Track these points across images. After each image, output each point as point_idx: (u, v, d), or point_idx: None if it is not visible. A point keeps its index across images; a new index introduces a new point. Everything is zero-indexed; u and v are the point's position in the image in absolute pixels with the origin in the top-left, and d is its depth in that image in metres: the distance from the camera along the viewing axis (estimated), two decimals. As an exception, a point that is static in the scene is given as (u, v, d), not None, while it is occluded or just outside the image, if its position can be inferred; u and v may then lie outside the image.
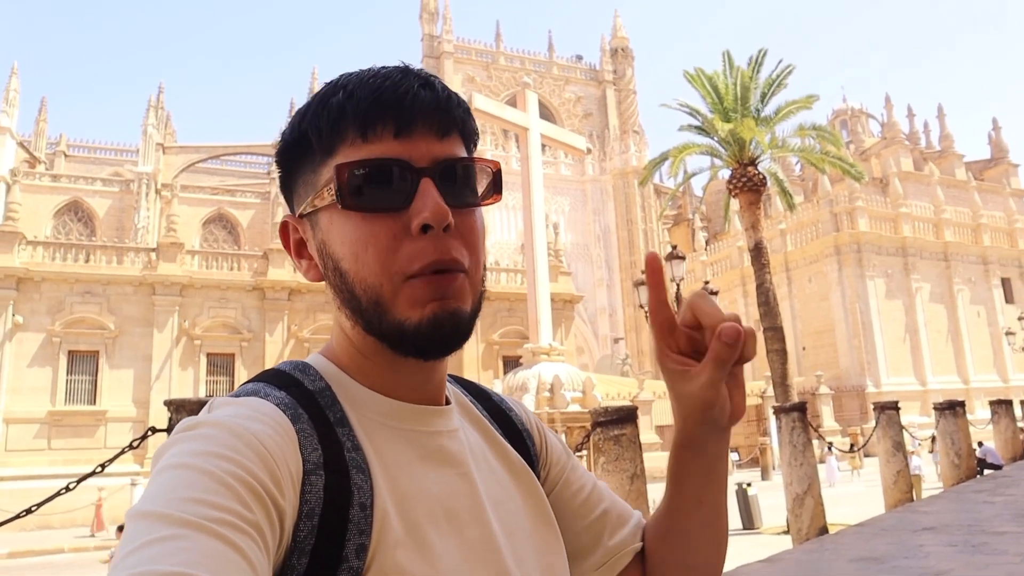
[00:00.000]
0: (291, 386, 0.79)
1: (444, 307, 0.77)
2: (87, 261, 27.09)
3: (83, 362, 26.12)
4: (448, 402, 0.89)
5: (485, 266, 0.85)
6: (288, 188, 0.85)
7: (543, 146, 11.53)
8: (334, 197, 0.77)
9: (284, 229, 0.86)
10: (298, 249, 0.84)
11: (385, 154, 0.77)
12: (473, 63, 60.11)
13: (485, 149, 56.88)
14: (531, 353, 10.52)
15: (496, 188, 0.84)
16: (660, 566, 0.97)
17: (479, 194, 0.83)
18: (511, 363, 25.93)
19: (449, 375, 0.95)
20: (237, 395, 0.77)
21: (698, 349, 0.82)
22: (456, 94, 0.84)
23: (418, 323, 0.76)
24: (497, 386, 11.15)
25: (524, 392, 10.21)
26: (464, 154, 0.83)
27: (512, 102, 10.92)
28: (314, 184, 0.80)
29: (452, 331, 0.78)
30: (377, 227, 0.76)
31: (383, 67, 0.82)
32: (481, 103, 9.63)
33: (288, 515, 0.67)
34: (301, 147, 0.81)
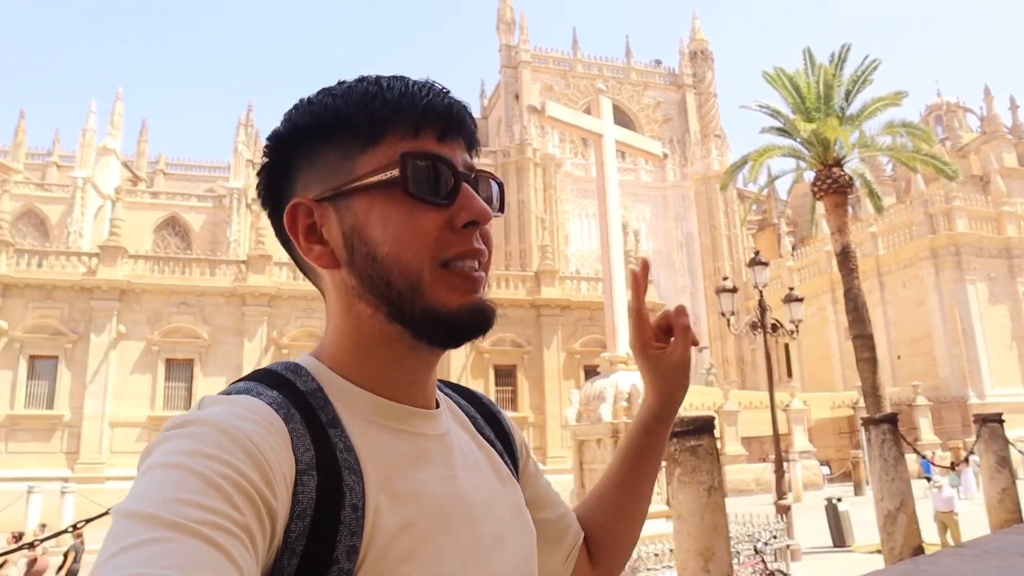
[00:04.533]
0: (283, 386, 0.78)
1: (483, 300, 0.84)
2: (183, 274, 28.43)
3: (179, 370, 27.40)
4: (438, 405, 0.90)
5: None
6: (295, 167, 0.84)
7: (622, 153, 11.41)
8: (394, 180, 0.79)
9: (293, 212, 0.83)
10: (307, 234, 0.83)
11: (442, 154, 0.83)
12: (550, 71, 60.30)
13: (565, 158, 56.86)
14: (608, 362, 10.38)
15: (500, 205, 0.91)
16: (605, 540, 1.11)
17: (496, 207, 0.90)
18: (592, 372, 25.75)
19: (441, 381, 0.98)
20: (229, 393, 0.77)
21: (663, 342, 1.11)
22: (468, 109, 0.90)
23: (458, 309, 0.81)
24: (575, 396, 11.09)
25: (601, 401, 10.09)
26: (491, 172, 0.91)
27: (589, 109, 10.85)
28: (347, 169, 0.81)
29: (486, 321, 0.84)
30: (426, 217, 0.80)
31: (416, 80, 0.87)
32: (554, 110, 9.60)
33: (280, 516, 0.67)
34: (336, 130, 0.82)
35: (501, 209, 0.90)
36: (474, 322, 0.82)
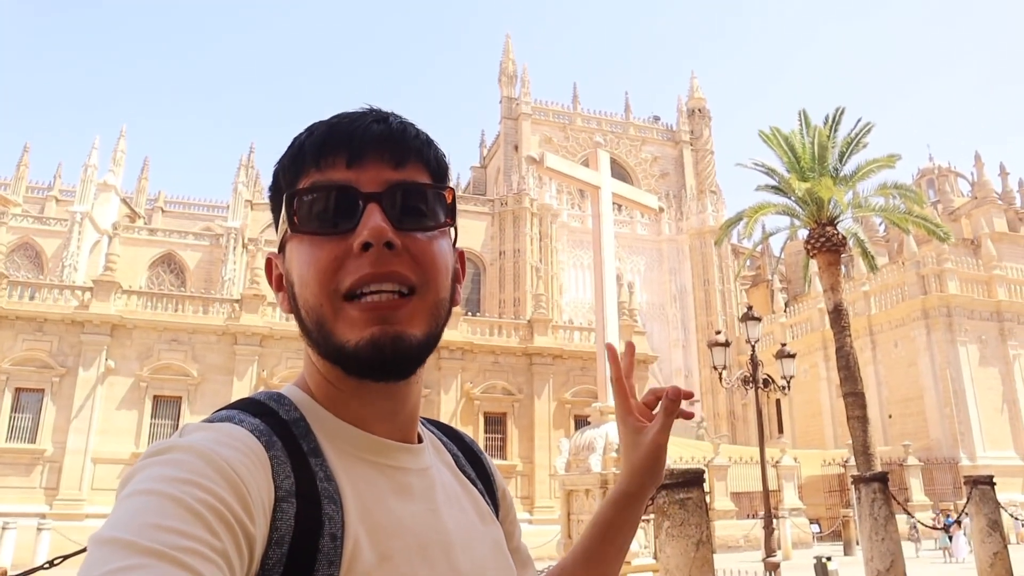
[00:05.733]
0: (266, 414, 0.79)
1: (385, 331, 0.78)
2: (176, 310, 28.34)
3: (167, 407, 27.11)
4: (420, 440, 0.91)
5: (453, 294, 0.86)
6: (276, 228, 0.89)
7: (618, 206, 11.55)
8: (287, 225, 0.81)
9: (269, 266, 0.90)
10: (278, 284, 0.87)
11: (334, 181, 0.81)
12: (550, 124, 61.26)
13: (562, 208, 57.38)
14: (599, 412, 10.34)
15: (451, 214, 0.86)
16: None
17: (439, 219, 0.84)
18: (582, 422, 25.59)
19: (425, 419, 0.98)
20: (211, 421, 0.77)
21: (648, 418, 1.04)
22: (414, 127, 0.87)
23: (356, 345, 0.77)
24: (565, 445, 11.01)
25: (591, 452, 10.03)
26: (426, 182, 0.85)
27: (587, 162, 11.01)
28: (284, 220, 0.84)
29: (393, 354, 0.78)
30: (322, 250, 0.79)
31: (348, 111, 0.87)
32: (552, 162, 9.75)
33: (258, 542, 0.67)
34: (276, 189, 0.86)
35: (450, 218, 0.86)
36: (374, 358, 0.77)
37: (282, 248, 0.86)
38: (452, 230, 0.87)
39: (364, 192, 0.80)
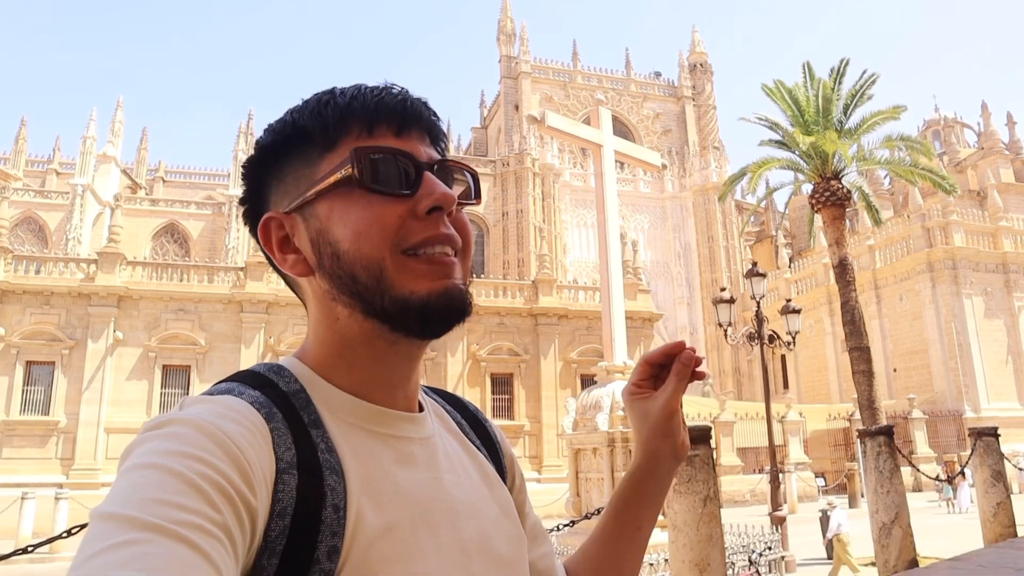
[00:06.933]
0: (266, 386, 0.79)
1: (455, 283, 0.82)
2: (181, 280, 28.41)
3: (176, 376, 27.36)
4: (422, 409, 0.90)
5: (471, 267, 0.88)
6: (266, 186, 0.86)
7: (621, 163, 11.46)
8: (349, 178, 0.80)
9: (265, 227, 0.86)
10: (282, 246, 0.85)
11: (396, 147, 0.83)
12: (550, 83, 60.56)
13: (564, 168, 57.01)
14: (605, 371, 10.37)
15: (476, 194, 0.90)
16: None
17: (468, 196, 0.89)
18: (589, 381, 25.74)
19: (427, 387, 0.99)
20: (211, 393, 0.77)
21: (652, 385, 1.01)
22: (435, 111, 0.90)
23: (427, 295, 0.80)
24: (571, 404, 11.08)
25: (598, 411, 10.09)
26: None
27: (588, 120, 10.87)
28: (309, 177, 0.82)
29: (460, 306, 0.82)
30: (384, 208, 0.80)
31: (371, 85, 0.87)
32: (553, 120, 9.63)
33: (260, 514, 0.67)
34: (295, 142, 0.84)
35: (477, 198, 0.90)
36: (446, 307, 0.81)
37: (297, 208, 0.83)
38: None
39: (422, 162, 0.83)
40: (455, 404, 1.03)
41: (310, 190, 0.82)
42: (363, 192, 0.80)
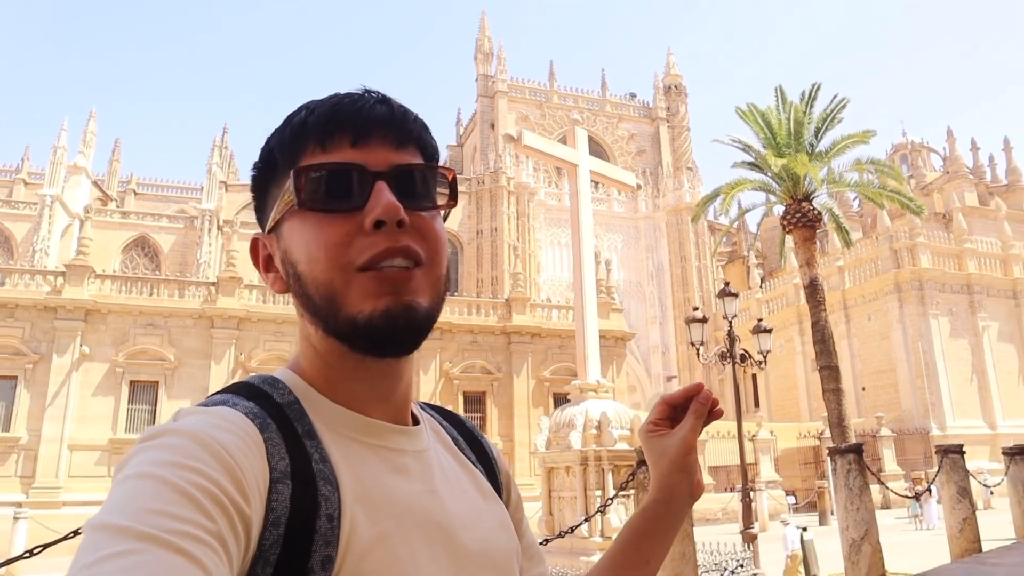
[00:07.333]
0: (260, 398, 0.79)
1: (397, 301, 0.78)
2: (151, 294, 27.99)
3: (144, 392, 26.86)
4: (417, 422, 0.91)
5: (447, 273, 0.86)
6: (261, 210, 0.88)
7: (595, 183, 11.56)
8: (293, 201, 0.80)
9: (254, 247, 0.89)
10: (266, 265, 0.87)
11: (343, 160, 0.81)
12: (527, 102, 60.92)
13: (539, 187, 57.29)
14: (579, 390, 10.40)
15: (452, 195, 0.87)
16: None
17: (436, 199, 0.85)
18: (561, 400, 25.76)
19: (424, 403, 0.99)
20: (206, 405, 0.77)
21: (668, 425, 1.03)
22: (411, 111, 0.88)
23: (370, 315, 0.78)
24: (545, 423, 11.06)
25: (571, 429, 10.10)
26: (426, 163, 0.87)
27: (564, 139, 10.96)
28: (279, 197, 0.84)
29: (406, 325, 0.79)
30: (331, 227, 0.79)
31: (346, 91, 0.86)
32: (530, 139, 9.71)
33: (254, 523, 0.67)
34: (269, 166, 0.85)
35: (452, 200, 0.87)
36: (388, 327, 0.78)
37: (272, 229, 0.85)
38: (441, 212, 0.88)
39: (372, 171, 0.81)
40: (452, 420, 1.04)
41: (276, 210, 0.84)
42: (311, 212, 0.80)
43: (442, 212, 0.87)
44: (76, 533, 4.34)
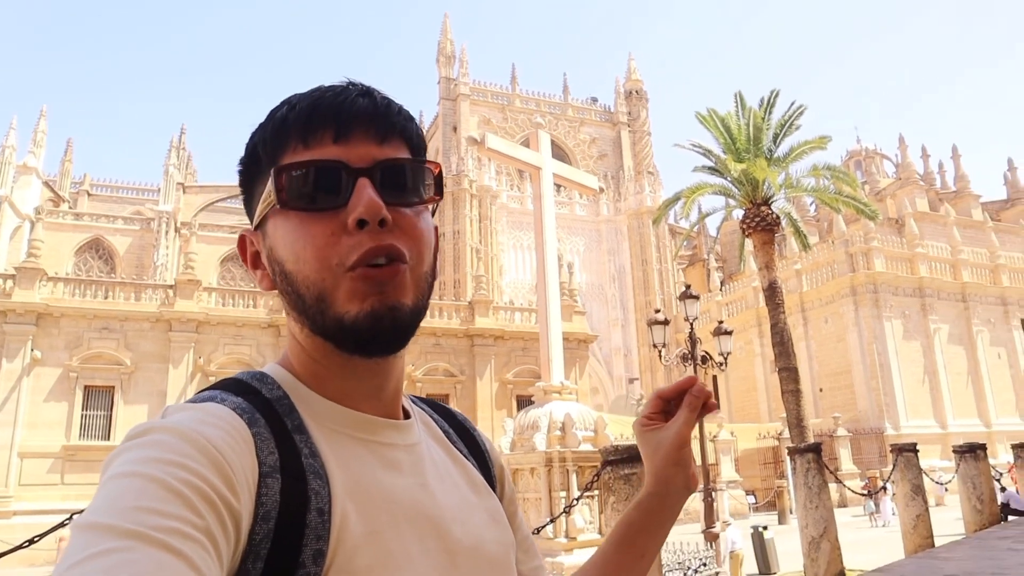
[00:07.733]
0: (249, 393, 0.79)
1: (383, 301, 0.78)
2: (106, 297, 27.34)
3: (99, 397, 26.20)
4: (408, 416, 0.91)
5: (434, 269, 0.86)
6: (249, 205, 0.88)
7: (557, 186, 11.62)
8: (274, 200, 0.80)
9: (242, 243, 0.88)
10: (254, 261, 0.87)
11: (324, 157, 0.80)
12: (489, 105, 60.96)
13: (501, 190, 57.35)
14: (542, 392, 10.43)
15: (438, 189, 0.86)
16: None
17: (422, 194, 0.84)
18: (525, 402, 25.80)
19: (414, 396, 0.99)
20: (194, 401, 0.77)
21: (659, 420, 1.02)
22: (397, 103, 0.87)
23: (356, 316, 0.78)
24: (509, 425, 11.08)
25: (535, 431, 10.12)
26: (410, 157, 0.86)
27: (527, 143, 10.99)
28: (261, 195, 0.83)
29: (391, 325, 0.79)
30: (315, 225, 0.78)
31: (329, 84, 0.85)
32: (493, 142, 9.72)
33: (243, 518, 0.67)
34: (254, 162, 0.85)
35: (439, 193, 0.86)
36: (372, 329, 0.78)
37: (258, 226, 0.85)
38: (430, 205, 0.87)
39: (354, 168, 0.80)
40: (443, 414, 1.03)
41: (260, 208, 0.83)
42: (293, 211, 0.79)
43: (429, 207, 0.86)
44: (30, 542, 4.22)
